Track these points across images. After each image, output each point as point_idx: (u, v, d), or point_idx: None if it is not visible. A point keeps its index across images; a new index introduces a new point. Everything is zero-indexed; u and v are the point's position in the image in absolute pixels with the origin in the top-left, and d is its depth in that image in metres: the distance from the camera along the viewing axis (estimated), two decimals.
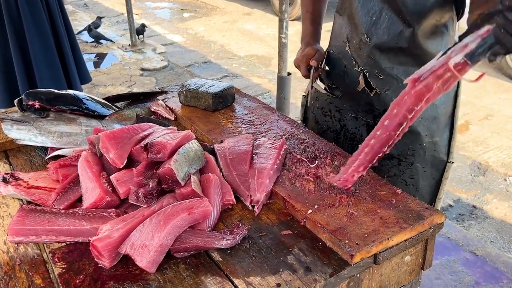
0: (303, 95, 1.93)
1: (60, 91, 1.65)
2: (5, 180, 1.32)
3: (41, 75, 3.48)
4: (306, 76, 1.73)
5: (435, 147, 1.64)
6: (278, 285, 1.00)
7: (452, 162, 1.67)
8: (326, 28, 1.74)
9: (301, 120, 1.95)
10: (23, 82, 3.47)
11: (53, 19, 3.56)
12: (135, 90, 5.03)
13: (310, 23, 1.78)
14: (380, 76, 1.56)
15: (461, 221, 3.08)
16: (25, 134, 1.51)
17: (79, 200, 1.25)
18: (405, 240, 1.11)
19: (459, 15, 1.53)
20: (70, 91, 1.69)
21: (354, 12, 1.57)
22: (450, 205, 3.25)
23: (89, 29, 6.39)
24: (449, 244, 2.80)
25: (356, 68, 1.62)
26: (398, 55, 1.53)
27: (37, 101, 1.56)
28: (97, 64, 5.97)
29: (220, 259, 1.08)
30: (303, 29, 1.81)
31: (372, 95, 1.61)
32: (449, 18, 1.51)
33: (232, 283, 1.02)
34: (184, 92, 1.83)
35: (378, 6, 1.51)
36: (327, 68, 1.78)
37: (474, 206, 3.24)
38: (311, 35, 1.77)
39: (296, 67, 1.77)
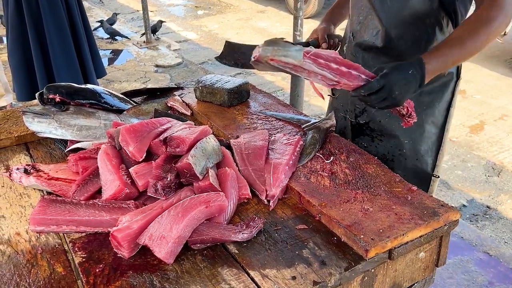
0: (328, 95, 1.87)
1: (79, 86, 1.69)
2: (26, 172, 1.35)
3: (58, 69, 3.54)
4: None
5: (417, 157, 1.58)
6: (294, 277, 1.02)
7: (438, 176, 1.59)
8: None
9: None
10: (41, 76, 3.54)
11: (71, 15, 3.61)
12: (150, 86, 5.07)
13: (330, 10, 1.80)
14: None
15: (474, 221, 3.07)
16: (46, 127, 1.54)
17: (99, 191, 1.28)
18: (420, 237, 1.12)
19: (454, 22, 1.46)
20: (90, 86, 1.72)
21: (351, 12, 1.62)
22: (464, 205, 3.23)
23: (102, 24, 6.45)
24: (462, 244, 2.78)
25: None
26: (378, 54, 1.53)
27: (57, 95, 1.59)
28: (112, 60, 6.03)
29: (236, 251, 1.10)
30: None
31: None
32: (434, 23, 1.44)
33: (248, 275, 1.03)
34: (200, 88, 1.85)
35: (365, 7, 1.53)
36: None
37: (488, 207, 3.22)
38: (324, 17, 1.78)
39: None
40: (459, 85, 1.52)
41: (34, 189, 1.35)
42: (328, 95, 1.78)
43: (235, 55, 1.71)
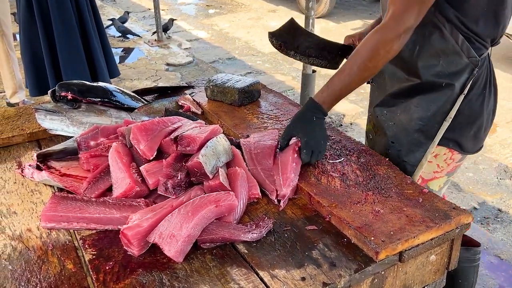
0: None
1: (91, 84, 1.70)
2: (39, 168, 1.36)
3: (65, 67, 3.59)
4: None
5: (399, 160, 1.52)
6: (303, 278, 1.01)
7: None
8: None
9: None
10: (51, 74, 3.59)
11: (81, 14, 3.64)
12: (161, 84, 5.09)
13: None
14: None
15: (485, 224, 3.03)
16: (58, 124, 1.56)
17: (109, 189, 1.28)
18: (431, 239, 1.11)
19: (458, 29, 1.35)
20: (101, 84, 1.73)
21: None
22: (475, 208, 3.20)
23: (113, 22, 6.49)
24: None
25: None
26: None
27: (69, 93, 1.60)
28: (123, 59, 6.06)
29: (246, 251, 1.10)
30: None
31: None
32: (432, 28, 1.37)
33: (257, 275, 1.03)
34: (211, 87, 1.85)
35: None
36: None
37: (499, 210, 3.18)
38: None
39: None
40: (460, 101, 1.41)
41: (46, 186, 1.36)
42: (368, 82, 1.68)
43: (297, 38, 1.68)
